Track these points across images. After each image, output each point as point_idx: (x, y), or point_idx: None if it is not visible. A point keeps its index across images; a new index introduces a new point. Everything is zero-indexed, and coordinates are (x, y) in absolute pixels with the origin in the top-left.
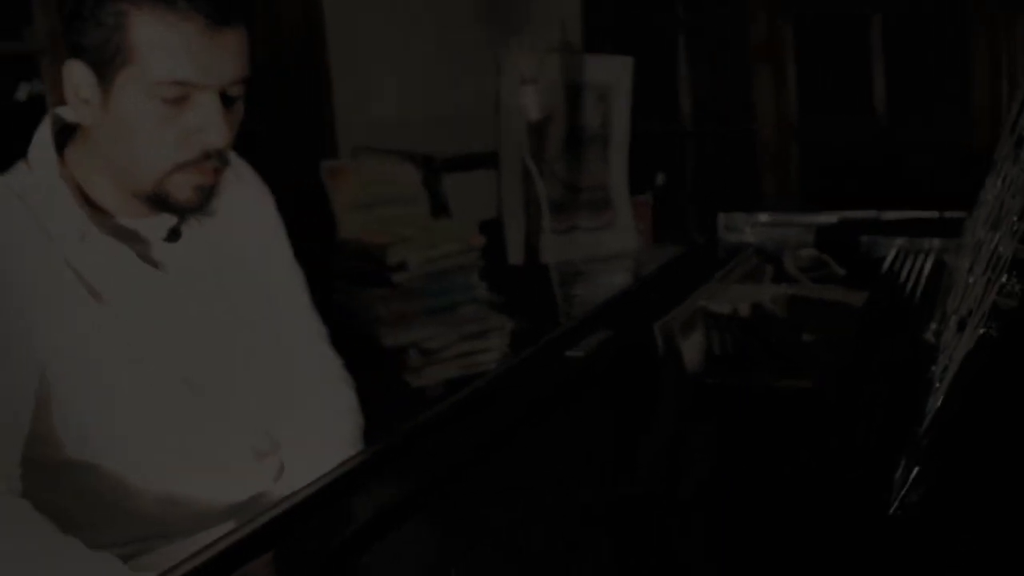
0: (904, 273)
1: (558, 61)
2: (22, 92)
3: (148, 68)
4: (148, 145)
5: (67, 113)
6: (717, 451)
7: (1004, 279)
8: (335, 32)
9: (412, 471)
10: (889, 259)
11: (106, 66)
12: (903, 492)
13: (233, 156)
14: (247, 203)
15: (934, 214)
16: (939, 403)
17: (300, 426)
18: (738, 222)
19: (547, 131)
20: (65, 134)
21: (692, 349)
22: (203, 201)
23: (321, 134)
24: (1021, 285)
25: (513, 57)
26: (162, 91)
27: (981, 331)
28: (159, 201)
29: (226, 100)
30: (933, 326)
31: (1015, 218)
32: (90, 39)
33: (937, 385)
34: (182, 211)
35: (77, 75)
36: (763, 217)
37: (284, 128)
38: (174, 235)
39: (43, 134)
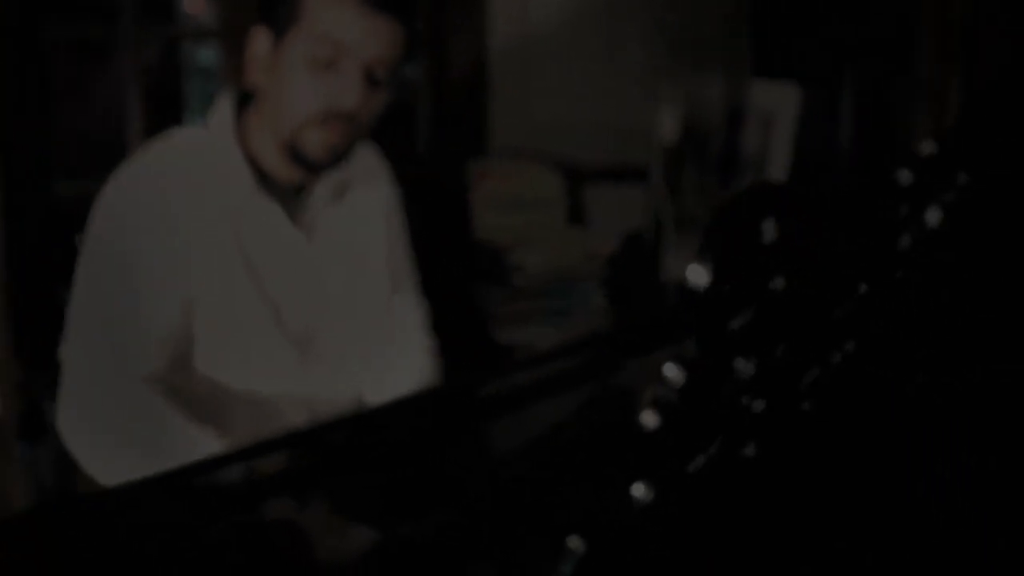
0: None
1: (718, 84)
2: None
3: (312, 24)
4: (292, 95)
5: (248, 79)
6: None
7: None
8: (500, 34)
9: None
10: None
11: (281, 26)
12: None
13: (371, 155)
14: (372, 198)
15: None
16: None
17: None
18: None
19: (702, 152)
20: (240, 106)
21: None
22: (333, 160)
23: (475, 134)
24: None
25: (669, 77)
26: (317, 48)
27: None
28: (296, 155)
29: (370, 78)
30: None
31: None
32: (274, 3)
33: None
34: (315, 167)
35: (260, 41)
36: None
37: (439, 127)
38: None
39: (223, 102)
